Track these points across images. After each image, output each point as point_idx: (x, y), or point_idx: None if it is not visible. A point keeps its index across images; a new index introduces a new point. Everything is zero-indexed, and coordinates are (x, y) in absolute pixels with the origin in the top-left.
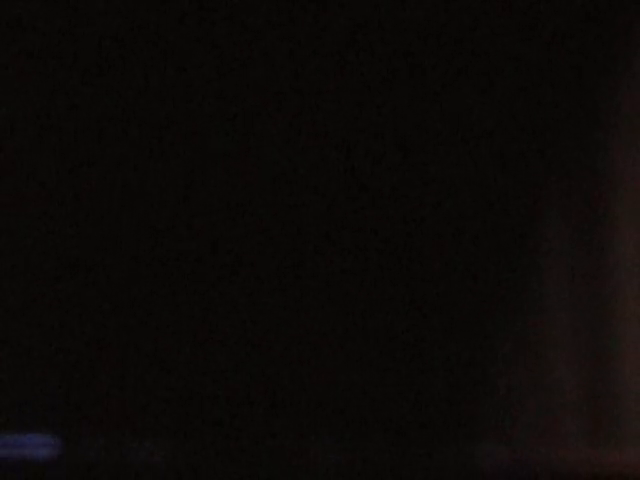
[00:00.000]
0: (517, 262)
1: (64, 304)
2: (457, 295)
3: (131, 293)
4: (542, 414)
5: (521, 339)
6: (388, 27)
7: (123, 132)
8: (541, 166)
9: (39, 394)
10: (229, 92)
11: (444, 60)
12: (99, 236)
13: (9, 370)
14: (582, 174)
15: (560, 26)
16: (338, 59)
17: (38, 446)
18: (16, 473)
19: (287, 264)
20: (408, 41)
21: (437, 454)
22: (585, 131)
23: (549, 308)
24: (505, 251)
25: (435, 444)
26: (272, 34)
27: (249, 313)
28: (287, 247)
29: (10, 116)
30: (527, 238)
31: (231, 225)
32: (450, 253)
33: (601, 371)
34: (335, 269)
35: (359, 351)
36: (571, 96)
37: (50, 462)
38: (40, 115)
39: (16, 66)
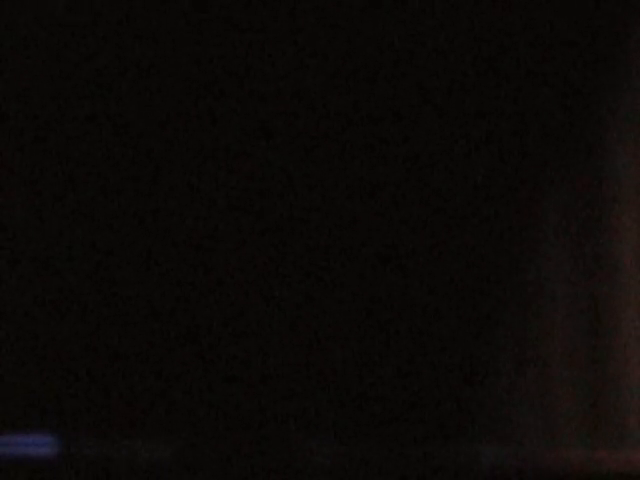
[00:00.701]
0: (517, 262)
1: (64, 304)
2: (457, 295)
3: (130, 292)
4: (542, 414)
5: (521, 339)
6: (389, 29)
7: (122, 133)
8: (541, 165)
9: (39, 394)
10: (230, 93)
11: (445, 60)
12: (100, 237)
13: (9, 370)
14: (582, 174)
15: (561, 26)
16: (335, 60)
17: (38, 446)
18: (16, 472)
19: (284, 266)
20: (408, 40)
21: (437, 454)
22: (585, 130)
23: (550, 308)
24: (506, 251)
25: (435, 444)
26: (272, 37)
27: (248, 314)
28: (285, 247)
29: (11, 117)
30: (527, 238)
31: (233, 223)
32: (450, 253)
33: (601, 371)
34: (333, 269)
35: (359, 351)
36: (571, 95)
37: (50, 462)
38: (40, 117)
39: (18, 68)
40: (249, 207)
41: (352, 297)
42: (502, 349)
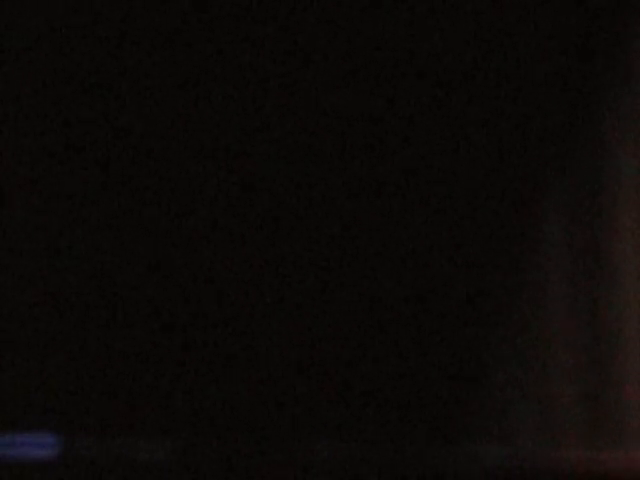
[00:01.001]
0: (517, 262)
1: (64, 304)
2: (458, 295)
3: (131, 292)
4: (542, 414)
5: (521, 339)
6: (389, 29)
7: (122, 133)
8: (542, 165)
9: (39, 394)
10: (230, 93)
11: (446, 60)
12: (100, 237)
13: (10, 370)
14: (582, 174)
15: (561, 26)
16: (336, 60)
17: (38, 446)
18: (16, 472)
19: (284, 265)
20: (409, 40)
21: (437, 454)
22: (585, 130)
23: (550, 308)
24: (506, 251)
25: (435, 444)
26: (272, 37)
27: (249, 314)
28: (286, 246)
29: (11, 117)
30: (528, 237)
31: (233, 223)
32: (451, 253)
33: (601, 371)
34: (333, 268)
35: (360, 351)
36: (571, 95)
37: (50, 462)
38: (40, 117)
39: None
40: (248, 206)
41: (352, 297)
42: (502, 349)
